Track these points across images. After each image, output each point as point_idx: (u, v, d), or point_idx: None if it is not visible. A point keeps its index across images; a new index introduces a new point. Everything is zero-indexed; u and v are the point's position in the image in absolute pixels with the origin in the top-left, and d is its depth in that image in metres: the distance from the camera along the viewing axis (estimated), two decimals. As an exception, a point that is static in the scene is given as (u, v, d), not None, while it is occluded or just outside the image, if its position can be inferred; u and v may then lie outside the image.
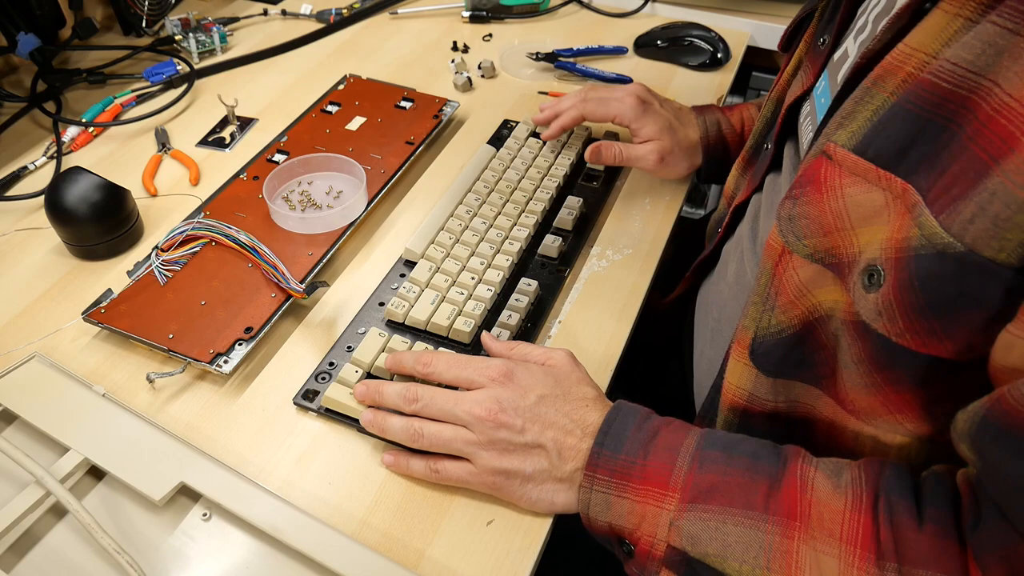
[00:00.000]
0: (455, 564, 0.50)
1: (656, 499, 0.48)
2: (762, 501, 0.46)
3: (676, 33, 1.01)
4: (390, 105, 0.88)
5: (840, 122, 0.45)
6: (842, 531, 0.43)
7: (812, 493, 0.45)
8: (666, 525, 0.47)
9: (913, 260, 0.39)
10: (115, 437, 0.54)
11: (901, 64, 0.42)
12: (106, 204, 0.69)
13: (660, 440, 0.50)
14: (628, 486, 0.49)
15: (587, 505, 0.50)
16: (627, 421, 0.51)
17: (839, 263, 0.45)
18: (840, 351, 0.47)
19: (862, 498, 0.43)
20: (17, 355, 0.62)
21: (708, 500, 0.46)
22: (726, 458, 0.48)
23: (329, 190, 0.77)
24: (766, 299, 0.50)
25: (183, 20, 1.00)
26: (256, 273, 0.66)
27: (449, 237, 0.70)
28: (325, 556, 0.48)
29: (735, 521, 0.45)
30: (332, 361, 0.61)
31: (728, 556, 0.45)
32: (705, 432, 0.51)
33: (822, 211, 0.45)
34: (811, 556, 0.43)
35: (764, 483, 0.46)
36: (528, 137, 0.84)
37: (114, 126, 0.87)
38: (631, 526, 0.49)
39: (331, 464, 0.56)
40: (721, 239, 0.71)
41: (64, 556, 0.50)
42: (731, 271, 0.67)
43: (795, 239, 0.47)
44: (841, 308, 0.46)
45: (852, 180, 0.43)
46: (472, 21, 1.10)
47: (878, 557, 0.41)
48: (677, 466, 0.48)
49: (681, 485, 0.48)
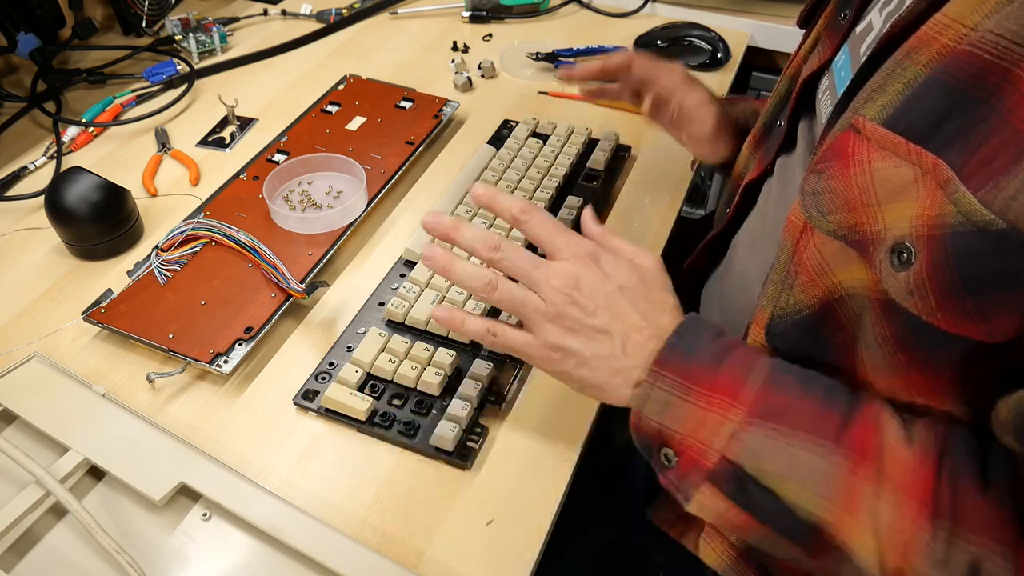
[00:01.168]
0: (455, 564, 0.50)
1: (722, 407, 0.46)
2: (834, 433, 0.44)
3: (676, 33, 1.01)
4: (390, 105, 0.88)
5: (869, 95, 0.44)
6: (904, 481, 0.42)
7: (883, 438, 0.44)
8: (726, 435, 0.46)
9: (949, 238, 0.38)
10: (115, 437, 0.54)
11: (937, 35, 0.41)
12: (106, 204, 0.69)
13: (735, 354, 0.48)
14: (695, 390, 0.47)
15: (644, 401, 0.48)
16: (704, 329, 0.50)
17: (863, 240, 0.43)
18: (862, 331, 0.46)
19: (929, 453, 0.43)
20: (17, 355, 0.62)
21: (778, 420, 0.45)
22: (801, 384, 0.47)
23: (329, 190, 0.77)
24: (785, 277, 0.49)
25: (183, 20, 1.00)
26: (256, 273, 0.66)
27: (449, 237, 0.70)
28: (325, 556, 0.48)
29: (803, 445, 0.44)
30: (332, 361, 0.61)
31: (788, 477, 0.44)
32: (777, 359, 0.49)
33: (848, 186, 0.43)
34: (871, 498, 0.42)
35: (837, 417, 0.45)
36: (528, 137, 0.84)
37: (114, 126, 0.87)
38: (684, 432, 0.47)
39: (331, 464, 0.56)
40: (729, 226, 0.70)
41: (64, 556, 0.50)
42: (738, 261, 0.66)
43: (818, 214, 0.45)
44: (864, 287, 0.45)
45: (881, 154, 0.42)
46: (472, 21, 1.10)
47: (934, 514, 0.41)
48: (749, 381, 0.47)
49: (752, 400, 0.46)
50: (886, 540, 0.41)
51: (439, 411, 0.58)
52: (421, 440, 0.56)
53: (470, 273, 0.51)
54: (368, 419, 0.57)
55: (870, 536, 0.42)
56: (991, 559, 0.39)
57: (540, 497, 0.54)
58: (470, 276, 0.51)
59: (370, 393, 0.59)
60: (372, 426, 0.57)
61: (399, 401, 0.59)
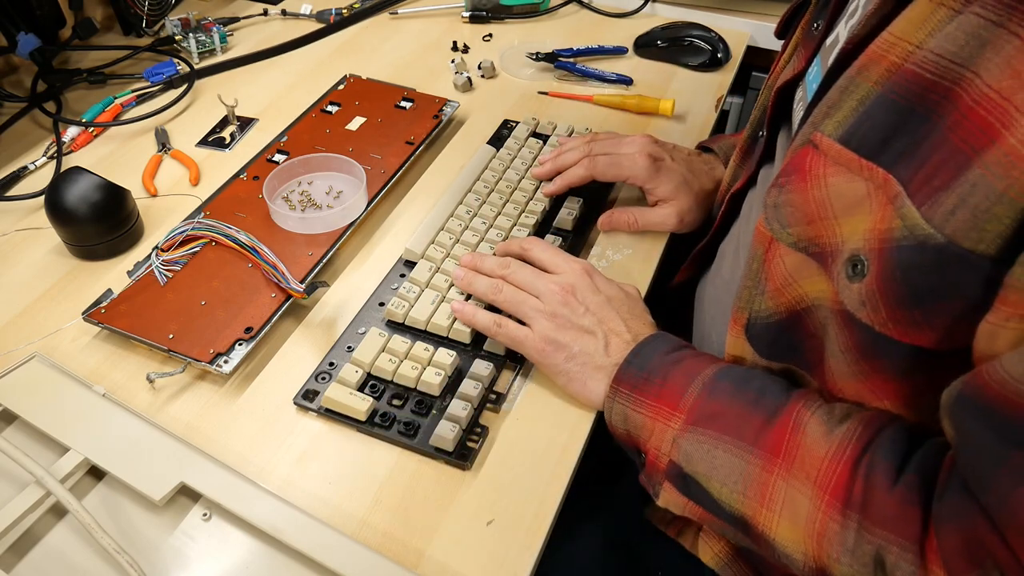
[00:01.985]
0: (455, 564, 0.50)
1: (665, 417, 0.53)
2: (752, 435, 0.49)
3: (676, 33, 1.01)
4: (390, 105, 0.88)
5: (826, 111, 0.45)
6: (818, 476, 0.45)
7: (801, 436, 0.48)
8: (670, 441, 0.52)
9: (896, 251, 0.40)
10: (115, 437, 0.54)
11: (884, 53, 0.42)
12: (106, 204, 0.69)
13: (682, 366, 0.55)
14: (644, 402, 0.54)
15: (610, 411, 0.56)
16: (659, 345, 0.57)
17: (822, 252, 0.45)
18: (827, 340, 0.48)
19: (846, 450, 0.45)
20: (17, 355, 0.62)
21: (708, 425, 0.51)
22: (734, 390, 0.52)
23: (329, 190, 0.77)
24: (757, 283, 0.52)
25: (183, 20, 1.00)
26: (256, 273, 0.66)
27: (449, 237, 0.70)
28: (325, 556, 0.48)
29: (725, 448, 0.50)
30: (332, 361, 0.61)
31: (712, 477, 0.50)
32: (725, 366, 0.54)
33: (806, 200, 0.45)
34: (785, 491, 0.47)
35: (760, 418, 0.50)
36: (528, 137, 0.84)
37: (114, 126, 0.87)
38: (643, 438, 0.54)
39: (331, 464, 0.56)
40: (716, 232, 0.71)
41: (64, 556, 0.50)
42: (726, 267, 0.67)
43: (780, 227, 0.47)
44: (827, 298, 0.46)
45: (835, 170, 0.43)
46: (472, 21, 1.10)
47: (845, 506, 0.44)
48: (689, 391, 0.53)
49: (688, 408, 0.52)
50: (804, 529, 0.45)
51: (439, 411, 0.58)
52: (421, 440, 0.56)
53: (484, 284, 0.63)
54: (368, 419, 0.57)
55: (789, 527, 0.46)
56: (891, 550, 0.41)
57: (540, 497, 0.54)
58: (484, 286, 0.63)
59: (370, 393, 0.59)
60: (372, 426, 0.57)
61: (399, 401, 0.59)
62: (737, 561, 0.60)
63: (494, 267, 0.64)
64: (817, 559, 0.45)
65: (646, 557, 0.67)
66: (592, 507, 0.69)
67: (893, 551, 0.41)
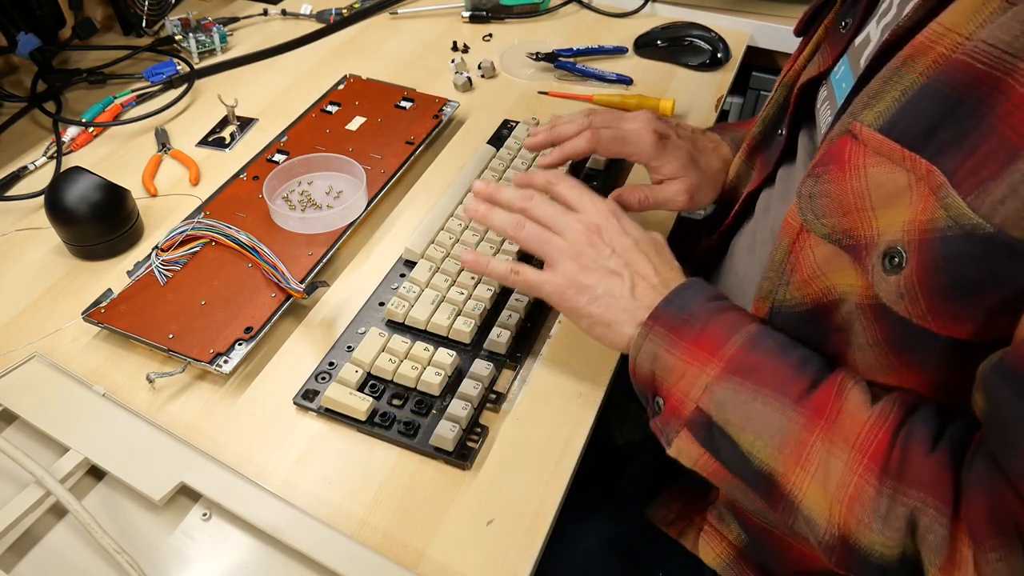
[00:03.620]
0: (455, 564, 0.50)
1: (701, 362, 0.50)
2: (796, 394, 0.47)
3: (676, 33, 1.01)
4: (390, 105, 0.88)
5: (867, 102, 0.45)
6: (858, 439, 0.45)
7: (844, 401, 0.46)
8: (701, 387, 0.50)
9: (938, 242, 0.40)
10: (115, 437, 0.54)
11: (933, 44, 0.42)
12: (106, 204, 0.69)
13: (725, 316, 0.52)
14: (680, 344, 0.51)
15: (637, 350, 0.53)
16: (701, 292, 0.54)
17: (856, 245, 0.45)
18: (853, 334, 0.48)
19: (888, 418, 0.45)
20: (17, 355, 0.62)
21: (747, 376, 0.49)
22: (778, 349, 0.50)
23: (329, 190, 0.77)
24: (780, 274, 0.51)
25: (183, 20, 1.00)
26: (256, 273, 0.66)
27: (449, 237, 0.70)
28: (325, 556, 0.48)
29: (764, 400, 0.48)
30: (332, 361, 0.61)
31: (746, 428, 0.48)
32: (766, 327, 0.52)
33: (843, 190, 0.45)
34: (823, 454, 0.45)
35: (805, 381, 0.48)
36: (528, 137, 0.84)
37: (114, 126, 0.87)
38: (669, 381, 0.52)
39: (331, 464, 0.56)
40: (727, 231, 0.71)
41: (64, 556, 0.50)
42: (738, 264, 0.67)
43: (814, 218, 0.47)
44: (856, 292, 0.46)
45: (876, 160, 0.43)
46: (472, 21, 1.10)
47: (882, 472, 0.43)
48: (732, 341, 0.51)
49: (729, 357, 0.50)
50: (835, 494, 0.44)
51: (439, 411, 0.58)
52: (421, 440, 0.56)
53: (503, 217, 0.59)
54: (368, 419, 0.57)
55: (819, 490, 0.45)
56: (926, 512, 0.41)
57: (540, 497, 0.54)
58: (503, 220, 0.59)
59: (370, 393, 0.59)
60: (372, 426, 0.57)
61: (399, 401, 0.59)
62: (739, 561, 0.60)
63: (514, 199, 0.60)
64: (843, 525, 0.44)
65: (646, 557, 0.67)
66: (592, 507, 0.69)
67: (929, 513, 0.41)
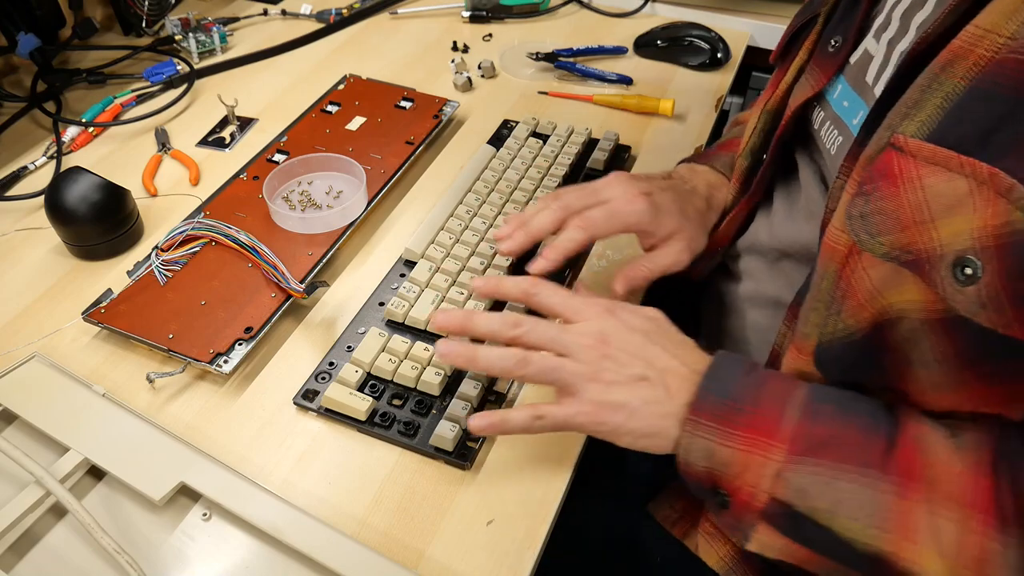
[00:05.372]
0: (455, 564, 0.50)
1: (762, 448, 0.47)
2: (878, 459, 0.44)
3: (676, 33, 1.01)
4: (390, 105, 0.88)
5: (905, 112, 0.44)
6: (960, 494, 0.42)
7: (931, 455, 0.44)
8: (771, 476, 0.46)
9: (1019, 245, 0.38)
10: (115, 437, 0.54)
11: (972, 47, 0.41)
12: (106, 204, 0.69)
13: (769, 388, 0.49)
14: (733, 434, 0.47)
15: (687, 450, 0.49)
16: (735, 367, 0.50)
17: (917, 260, 0.43)
18: (916, 352, 0.46)
19: (982, 459, 0.43)
20: (17, 355, 0.62)
21: (820, 454, 0.45)
22: (840, 412, 0.47)
23: (329, 190, 0.77)
24: (831, 303, 0.48)
25: (183, 20, 1.00)
26: (256, 273, 0.66)
27: (449, 237, 0.70)
28: (325, 556, 0.48)
29: (849, 478, 0.44)
30: (332, 361, 0.61)
31: (839, 513, 0.44)
32: (814, 385, 0.49)
33: (899, 205, 0.43)
34: (927, 518, 0.42)
35: (880, 442, 0.45)
36: (528, 137, 0.84)
37: (114, 126, 0.87)
38: (731, 475, 0.47)
39: (331, 464, 0.56)
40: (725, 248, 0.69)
41: (64, 556, 0.50)
42: (747, 286, 0.66)
43: (868, 237, 0.44)
44: (918, 307, 0.44)
45: (931, 170, 0.41)
46: (472, 21, 1.10)
47: (1000, 524, 0.41)
48: (786, 416, 0.47)
49: (790, 436, 0.46)
50: (956, 558, 0.41)
51: (439, 411, 0.58)
52: (421, 440, 0.56)
53: (497, 356, 0.51)
54: (368, 419, 0.57)
55: (935, 557, 0.42)
56: None
57: (540, 496, 0.54)
58: (498, 359, 0.51)
59: (370, 393, 0.59)
60: (372, 426, 0.57)
61: (399, 401, 0.59)
62: (742, 565, 0.59)
63: (499, 328, 0.52)
64: None
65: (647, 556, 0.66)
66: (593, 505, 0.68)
67: None
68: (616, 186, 0.62)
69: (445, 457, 0.55)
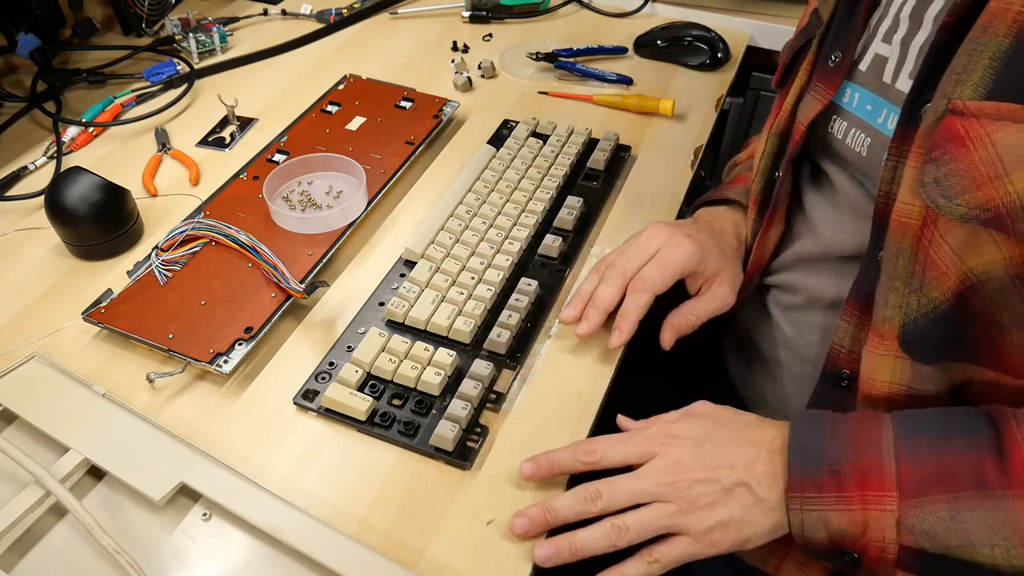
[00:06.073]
0: (455, 564, 0.50)
1: (875, 502, 0.46)
2: (994, 476, 0.44)
3: (676, 33, 1.01)
4: (390, 105, 0.88)
5: (956, 79, 0.44)
6: None
7: None
8: (892, 527, 0.46)
9: None
10: (115, 437, 0.54)
11: (1007, 7, 0.42)
12: (106, 204, 0.69)
13: (853, 441, 0.48)
14: (841, 496, 0.47)
15: (800, 527, 0.48)
16: (815, 430, 0.50)
17: (996, 216, 0.44)
18: (1007, 313, 0.46)
19: None
20: (17, 355, 0.62)
21: (933, 490, 0.45)
22: (937, 440, 0.47)
23: (329, 190, 0.77)
24: (910, 278, 0.48)
25: (183, 20, 1.00)
26: (256, 273, 0.66)
27: (449, 237, 0.70)
28: (325, 556, 0.48)
29: (970, 505, 0.44)
30: (332, 361, 0.61)
31: (975, 544, 0.44)
32: (895, 417, 0.49)
33: (972, 163, 0.44)
34: None
35: (988, 456, 0.45)
36: (528, 137, 0.84)
37: (114, 126, 0.87)
38: (854, 535, 0.47)
39: (331, 464, 0.56)
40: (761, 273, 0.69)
41: (64, 556, 0.50)
42: (797, 296, 0.65)
43: (946, 201, 0.45)
44: (1000, 265, 0.45)
45: (998, 125, 0.43)
46: (472, 21, 1.10)
47: None
48: (885, 462, 0.47)
49: (896, 482, 0.46)
50: None
51: (439, 411, 0.58)
52: (421, 440, 0.56)
53: (597, 536, 0.50)
54: (368, 419, 0.57)
55: None
56: None
57: (540, 497, 0.54)
58: (600, 538, 0.50)
59: (370, 393, 0.59)
60: (372, 426, 0.57)
61: (399, 401, 0.59)
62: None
63: (582, 508, 0.51)
64: None
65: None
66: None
67: None
68: (659, 235, 0.65)
69: (445, 457, 0.55)
